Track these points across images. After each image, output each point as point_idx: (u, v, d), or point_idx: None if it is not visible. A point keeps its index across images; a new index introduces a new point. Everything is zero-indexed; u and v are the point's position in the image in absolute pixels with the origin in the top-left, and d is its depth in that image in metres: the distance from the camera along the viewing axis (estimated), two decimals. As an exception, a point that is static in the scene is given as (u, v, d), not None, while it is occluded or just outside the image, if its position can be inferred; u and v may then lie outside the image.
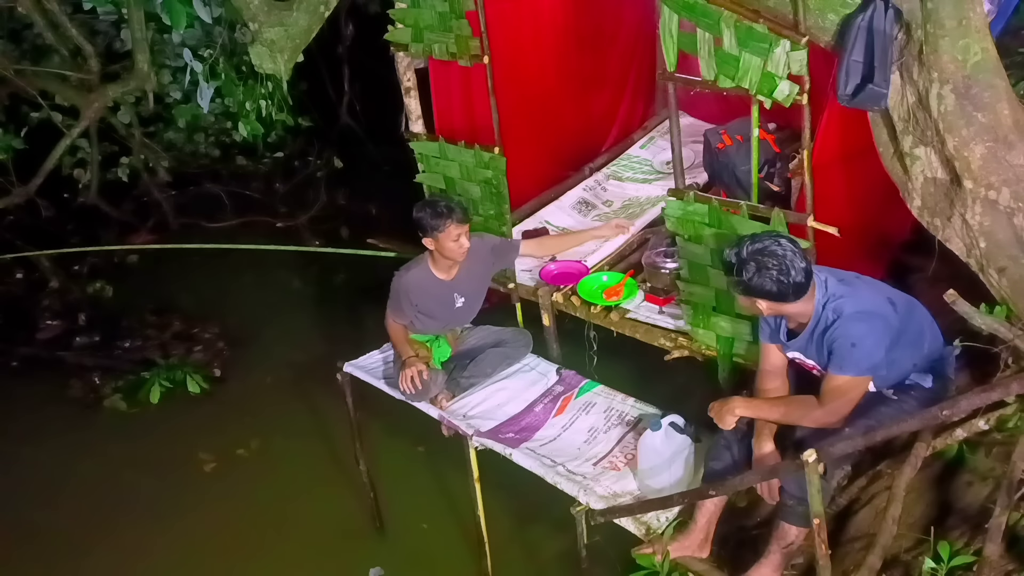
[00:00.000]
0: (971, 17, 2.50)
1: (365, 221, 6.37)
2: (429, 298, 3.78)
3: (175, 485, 4.47)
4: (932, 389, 2.77)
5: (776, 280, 2.57)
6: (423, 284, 3.75)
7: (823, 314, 2.67)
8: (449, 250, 3.66)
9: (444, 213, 3.59)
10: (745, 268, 2.61)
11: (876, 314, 2.64)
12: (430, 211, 3.62)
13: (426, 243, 3.68)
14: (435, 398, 3.71)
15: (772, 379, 2.93)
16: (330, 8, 3.70)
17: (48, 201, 6.48)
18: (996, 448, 2.70)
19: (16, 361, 5.55)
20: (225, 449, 4.67)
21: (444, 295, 3.80)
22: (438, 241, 3.63)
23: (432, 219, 3.60)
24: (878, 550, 2.52)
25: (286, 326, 5.65)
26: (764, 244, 2.61)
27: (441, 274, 3.77)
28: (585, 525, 3.18)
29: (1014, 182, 2.59)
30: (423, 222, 3.62)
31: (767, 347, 2.93)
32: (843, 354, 2.63)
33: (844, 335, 2.62)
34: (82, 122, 5.66)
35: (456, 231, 3.61)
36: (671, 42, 3.07)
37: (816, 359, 2.78)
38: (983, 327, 2.61)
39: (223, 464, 4.60)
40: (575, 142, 5.05)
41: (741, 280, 2.63)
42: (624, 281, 3.88)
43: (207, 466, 4.59)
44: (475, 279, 3.87)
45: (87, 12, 5.17)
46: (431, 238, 3.64)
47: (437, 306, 3.81)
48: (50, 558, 4.12)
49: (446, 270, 3.77)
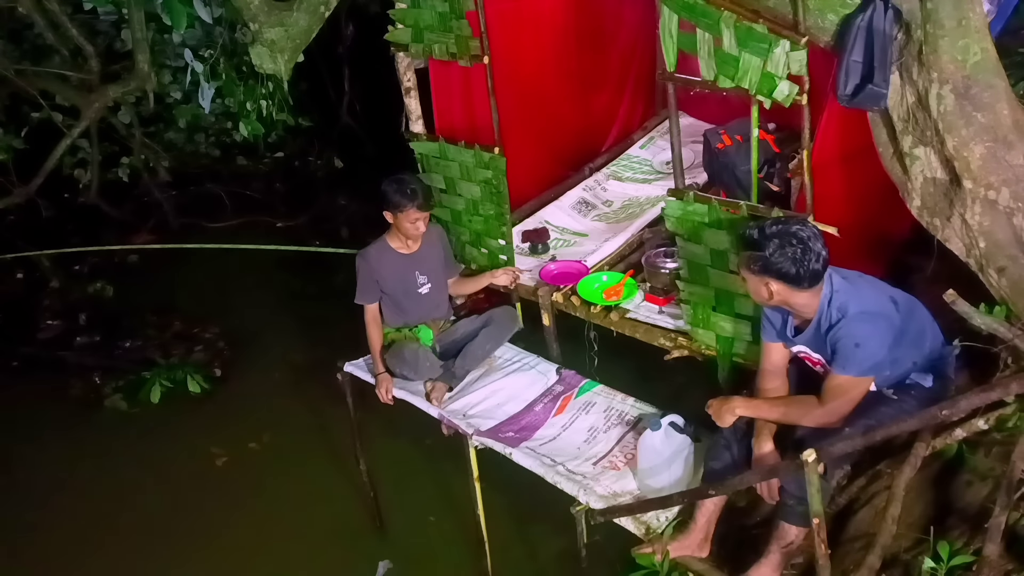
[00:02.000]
0: (971, 17, 2.50)
1: (365, 221, 6.37)
2: (391, 274, 3.86)
3: (176, 485, 4.48)
4: (932, 389, 2.77)
5: (796, 261, 2.56)
6: (383, 257, 3.86)
7: (828, 311, 2.67)
8: (405, 229, 3.78)
9: (408, 196, 3.70)
10: (767, 244, 2.59)
11: (880, 314, 2.65)
12: (396, 188, 3.72)
13: (386, 215, 3.79)
14: (433, 392, 3.73)
15: (773, 378, 2.94)
16: (330, 8, 3.70)
17: (49, 201, 6.48)
18: (996, 448, 2.70)
19: (16, 361, 5.56)
20: (225, 448, 4.67)
21: (406, 270, 3.88)
22: (396, 219, 3.76)
23: (397, 196, 3.70)
24: (878, 550, 2.52)
25: (286, 326, 5.66)
26: (789, 225, 2.61)
27: (400, 248, 3.87)
28: (585, 525, 3.18)
29: (1013, 182, 2.59)
30: (388, 195, 3.73)
31: (769, 346, 2.93)
32: (846, 354, 2.63)
33: (848, 335, 2.62)
34: (82, 122, 5.66)
35: (415, 215, 3.74)
36: (671, 42, 3.07)
37: (817, 349, 2.78)
38: (982, 327, 2.61)
39: (223, 463, 4.60)
40: (575, 142, 5.05)
41: (761, 256, 2.60)
42: (624, 281, 3.89)
43: (211, 463, 4.59)
44: (434, 260, 3.96)
45: (87, 12, 5.18)
46: (391, 212, 3.75)
47: (400, 285, 3.88)
48: (50, 558, 4.13)
49: (404, 244, 3.88)
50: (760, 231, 2.63)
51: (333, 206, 6.93)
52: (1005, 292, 2.65)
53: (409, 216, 3.73)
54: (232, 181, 7.13)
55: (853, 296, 2.66)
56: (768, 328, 2.91)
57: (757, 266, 2.65)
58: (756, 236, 2.63)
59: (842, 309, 2.64)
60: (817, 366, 2.85)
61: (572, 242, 4.50)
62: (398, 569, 3.89)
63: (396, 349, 3.83)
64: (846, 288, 2.67)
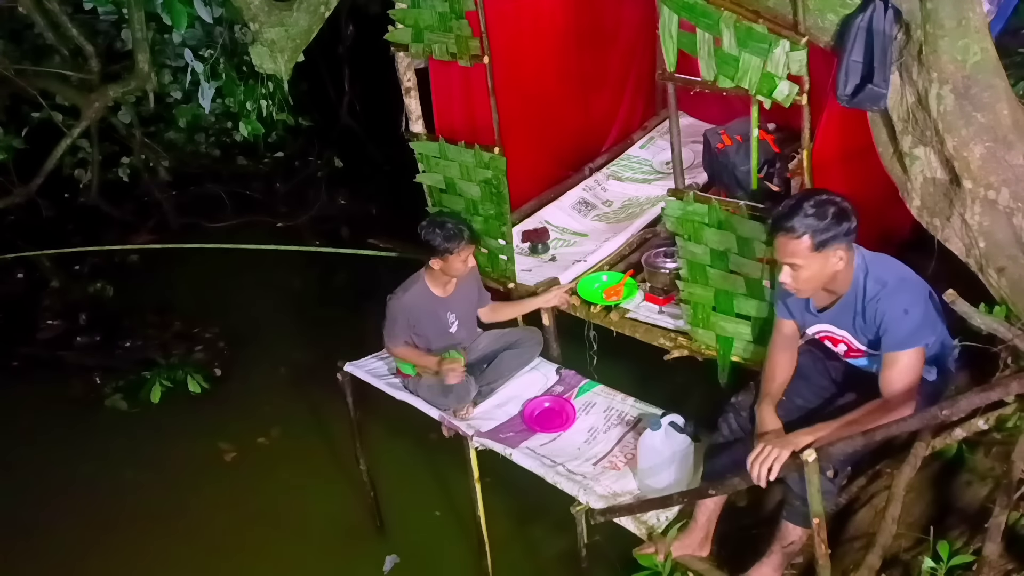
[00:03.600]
0: (971, 17, 2.50)
1: (365, 221, 6.38)
2: (424, 315, 3.75)
3: (176, 485, 4.48)
4: (934, 383, 2.75)
5: (847, 216, 2.52)
6: (420, 302, 3.74)
7: (865, 282, 2.62)
8: (456, 270, 3.67)
9: (456, 235, 3.60)
10: (816, 214, 2.53)
11: (917, 281, 2.64)
12: (441, 233, 3.60)
13: (433, 263, 3.67)
14: (459, 410, 3.67)
15: (783, 351, 2.92)
16: (330, 8, 3.71)
17: (49, 201, 6.48)
18: (995, 448, 2.70)
19: (17, 361, 5.56)
20: (227, 448, 4.67)
21: (439, 312, 3.78)
22: (447, 262, 3.64)
23: (445, 241, 3.60)
24: (878, 549, 2.52)
25: (286, 326, 5.66)
26: (824, 194, 2.57)
27: (437, 291, 3.77)
28: (585, 525, 3.18)
29: (1013, 182, 2.59)
30: (435, 243, 3.61)
31: (781, 321, 2.92)
32: (898, 323, 2.56)
33: (894, 304, 2.57)
34: (83, 122, 5.67)
35: (467, 252, 3.66)
36: (671, 42, 3.08)
37: (851, 330, 2.72)
38: (982, 327, 2.60)
39: (224, 463, 4.60)
40: (575, 142, 5.06)
41: (820, 226, 2.52)
42: (624, 280, 3.89)
43: (213, 462, 4.59)
44: (467, 300, 3.87)
45: (87, 12, 5.18)
46: (441, 258, 3.64)
47: (431, 325, 3.77)
48: (50, 558, 4.13)
49: (442, 287, 3.77)
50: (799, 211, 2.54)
51: (333, 206, 6.93)
52: (1005, 292, 2.65)
53: (462, 256, 3.64)
54: (232, 181, 7.12)
55: (886, 266, 2.64)
56: (782, 308, 2.89)
57: (822, 238, 2.54)
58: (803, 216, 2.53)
59: (880, 280, 2.60)
60: (839, 344, 2.81)
61: (572, 242, 4.51)
62: (399, 569, 3.90)
63: (441, 383, 3.66)
64: (876, 260, 2.65)
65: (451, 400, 3.64)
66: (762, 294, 3.21)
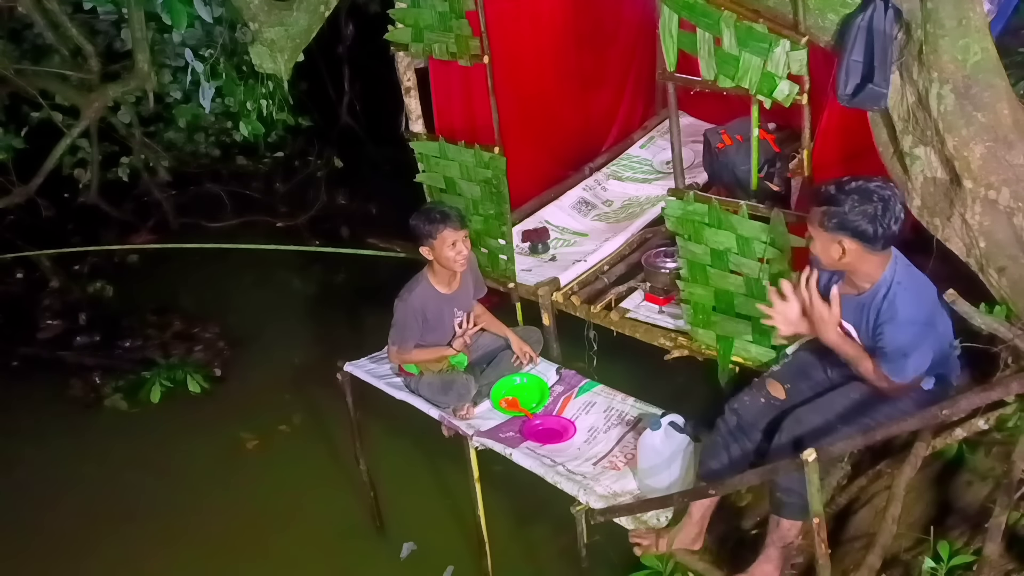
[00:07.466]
0: (971, 17, 2.50)
1: (365, 221, 6.37)
2: (433, 314, 3.69)
3: (176, 485, 4.47)
4: (932, 392, 2.76)
5: (875, 219, 2.46)
6: (427, 300, 3.66)
7: (883, 300, 2.59)
8: (447, 259, 3.55)
9: (437, 219, 3.50)
10: (846, 200, 2.48)
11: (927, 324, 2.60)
12: (424, 218, 3.53)
13: (423, 252, 3.59)
14: (459, 411, 3.64)
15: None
16: (330, 8, 3.70)
17: (48, 201, 6.47)
18: (996, 448, 2.70)
19: (16, 361, 5.55)
20: (226, 448, 4.67)
21: (444, 310, 3.72)
22: (435, 249, 3.55)
23: (426, 225, 3.52)
24: (878, 549, 2.52)
25: (286, 326, 5.65)
26: (871, 184, 2.51)
27: (441, 287, 3.68)
28: (585, 524, 3.18)
29: (1014, 182, 2.59)
30: (418, 230, 3.54)
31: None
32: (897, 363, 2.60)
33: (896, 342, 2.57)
34: (82, 122, 5.65)
35: (452, 237, 3.52)
36: (671, 42, 3.08)
37: (857, 328, 2.72)
38: (983, 327, 2.61)
39: (223, 463, 4.60)
40: (575, 142, 5.06)
41: (839, 211, 2.49)
42: (523, 395, 3.68)
43: (212, 463, 4.58)
44: (467, 294, 3.79)
45: (87, 12, 5.17)
46: (427, 246, 3.56)
47: (439, 324, 3.71)
48: (50, 558, 4.12)
49: (446, 283, 3.68)
50: (838, 186, 2.51)
51: (333, 206, 6.92)
52: (1005, 292, 2.65)
53: (446, 240, 3.50)
54: (232, 181, 7.12)
55: (908, 297, 2.57)
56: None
57: (833, 222, 2.52)
58: (834, 191, 2.51)
59: (893, 306, 2.56)
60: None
61: (572, 242, 4.51)
62: (399, 569, 3.89)
63: (441, 381, 3.65)
64: (905, 283, 2.58)
65: (451, 398, 3.63)
66: (762, 294, 3.21)
